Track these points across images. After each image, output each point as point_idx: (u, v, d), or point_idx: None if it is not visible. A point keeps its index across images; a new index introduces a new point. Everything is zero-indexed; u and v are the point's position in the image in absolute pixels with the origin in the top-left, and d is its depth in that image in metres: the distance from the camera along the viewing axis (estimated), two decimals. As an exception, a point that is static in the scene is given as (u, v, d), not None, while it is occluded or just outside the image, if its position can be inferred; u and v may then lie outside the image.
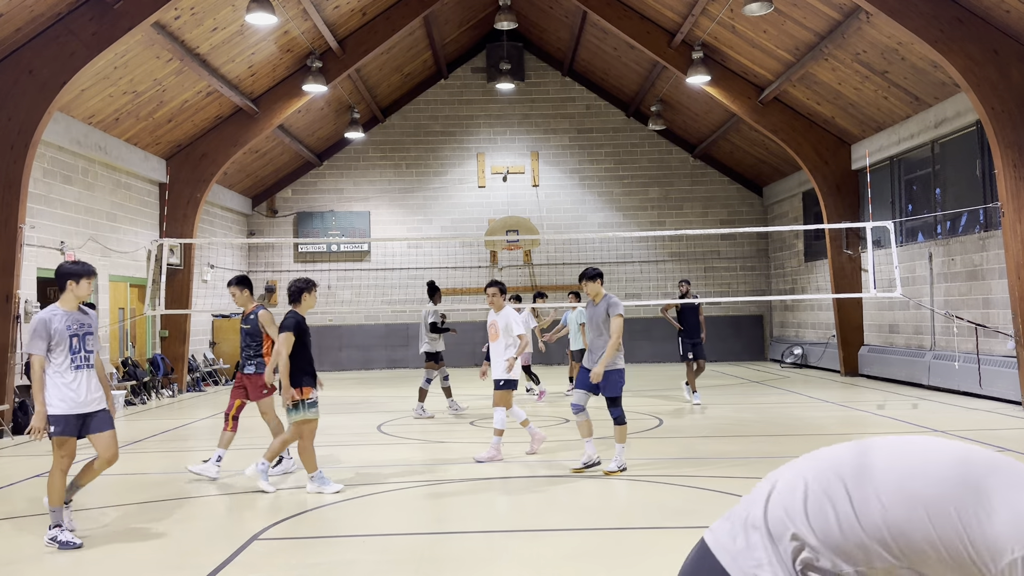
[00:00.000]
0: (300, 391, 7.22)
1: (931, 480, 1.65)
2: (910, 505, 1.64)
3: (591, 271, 7.98)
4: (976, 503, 1.60)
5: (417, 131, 23.33)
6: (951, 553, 1.60)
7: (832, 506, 1.72)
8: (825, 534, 1.70)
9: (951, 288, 14.31)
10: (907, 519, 1.63)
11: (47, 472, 8.53)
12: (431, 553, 5.43)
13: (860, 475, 1.73)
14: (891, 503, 1.66)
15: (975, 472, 1.65)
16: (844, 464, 1.78)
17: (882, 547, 1.65)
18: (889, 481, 1.69)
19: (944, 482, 1.64)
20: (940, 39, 11.67)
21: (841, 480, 1.75)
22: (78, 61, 11.64)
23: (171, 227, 17.05)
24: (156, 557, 5.48)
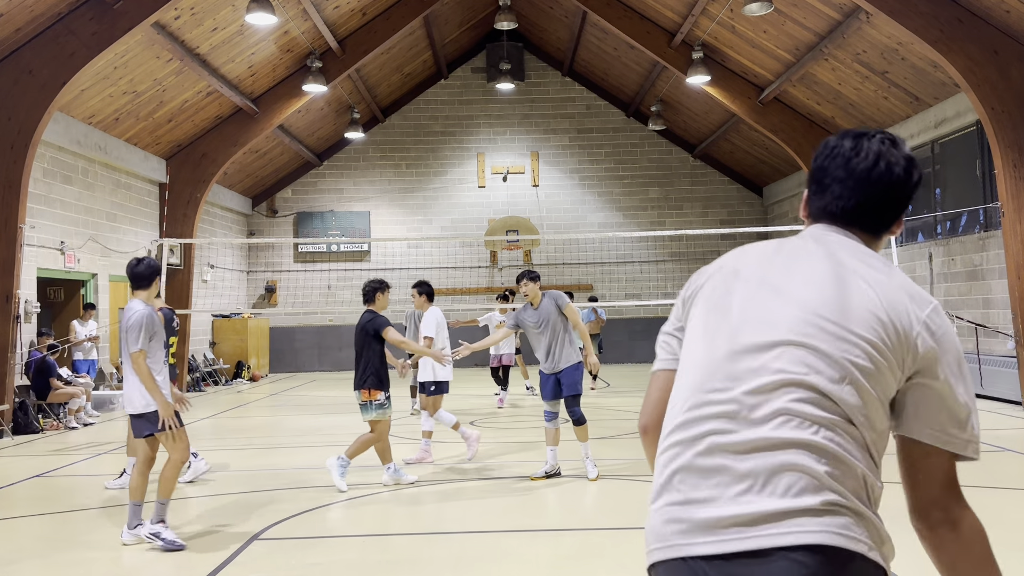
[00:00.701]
0: (369, 392, 7.24)
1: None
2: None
3: (534, 272, 7.69)
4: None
5: (417, 131, 23.33)
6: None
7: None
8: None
9: (951, 288, 14.31)
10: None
11: (47, 472, 8.55)
12: (430, 553, 5.43)
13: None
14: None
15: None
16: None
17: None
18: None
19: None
20: (940, 39, 11.66)
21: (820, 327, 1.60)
22: (78, 61, 11.64)
23: (171, 227, 17.05)
24: (156, 557, 5.47)
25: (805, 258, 1.72)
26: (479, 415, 12.42)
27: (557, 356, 7.43)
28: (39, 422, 11.78)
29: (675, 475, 1.60)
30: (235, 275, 21.92)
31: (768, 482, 1.52)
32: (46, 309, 14.32)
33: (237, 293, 21.97)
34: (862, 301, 1.62)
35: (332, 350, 22.79)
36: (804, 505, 1.51)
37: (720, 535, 1.51)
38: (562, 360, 7.41)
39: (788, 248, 1.78)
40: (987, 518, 6.13)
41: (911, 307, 1.63)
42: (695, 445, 1.59)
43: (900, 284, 1.66)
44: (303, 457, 9.23)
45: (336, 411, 13.67)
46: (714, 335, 1.71)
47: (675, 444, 1.63)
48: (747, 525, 1.50)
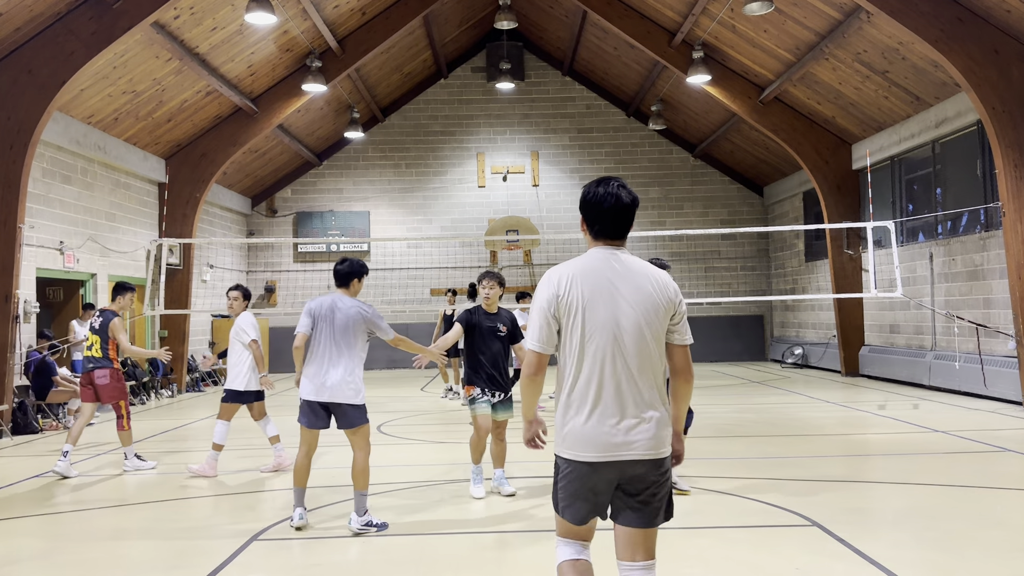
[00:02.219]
0: (469, 388, 7.09)
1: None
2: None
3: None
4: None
5: (417, 131, 23.31)
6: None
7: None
8: None
9: (952, 288, 14.29)
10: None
11: (47, 472, 8.53)
12: (431, 553, 5.42)
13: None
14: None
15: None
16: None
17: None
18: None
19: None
20: (941, 39, 11.65)
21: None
22: (77, 61, 11.63)
23: (170, 227, 17.04)
24: (156, 557, 5.46)
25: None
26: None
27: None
28: (38, 422, 11.77)
29: None
30: (235, 275, 21.91)
31: None
32: (45, 309, 14.30)
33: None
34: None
35: (332, 350, 22.72)
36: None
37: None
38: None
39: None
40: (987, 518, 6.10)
41: (669, 283, 3.33)
42: None
43: (659, 273, 3.33)
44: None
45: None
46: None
47: None
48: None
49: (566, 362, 3.25)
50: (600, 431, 3.15)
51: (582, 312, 3.19)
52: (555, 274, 3.27)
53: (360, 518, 5.95)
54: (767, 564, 5.02)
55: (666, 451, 3.21)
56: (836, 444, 9.53)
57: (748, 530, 5.81)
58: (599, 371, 3.18)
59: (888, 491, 6.97)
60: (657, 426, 3.17)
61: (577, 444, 3.18)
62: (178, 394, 16.75)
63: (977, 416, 11.30)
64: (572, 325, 3.20)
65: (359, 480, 6.02)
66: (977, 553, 5.16)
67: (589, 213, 3.28)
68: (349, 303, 6.23)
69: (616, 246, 3.27)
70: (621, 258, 3.25)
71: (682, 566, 5.03)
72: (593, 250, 3.28)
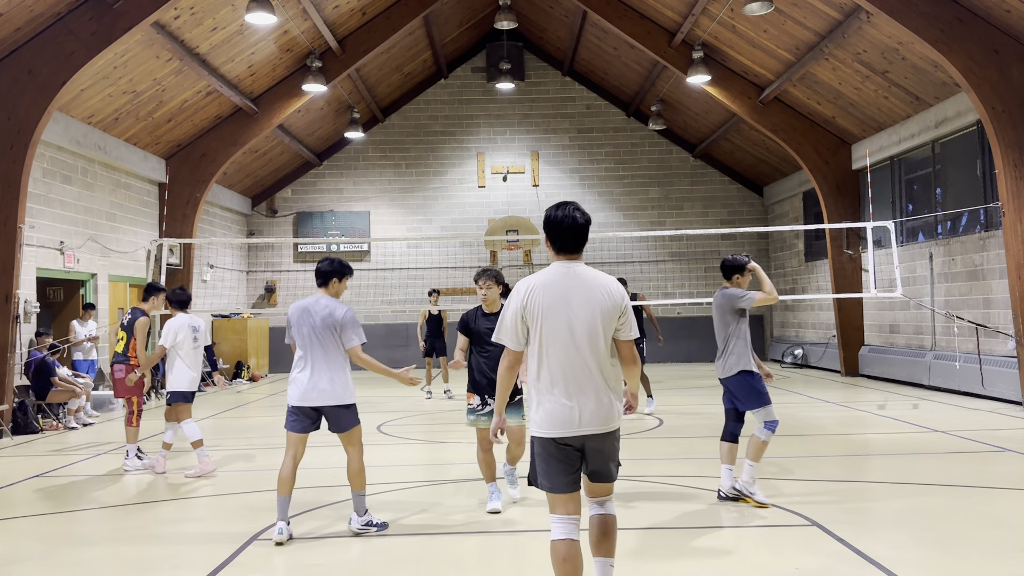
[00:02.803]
0: (470, 396, 6.66)
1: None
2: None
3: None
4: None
5: (417, 131, 23.32)
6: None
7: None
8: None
9: (952, 288, 14.30)
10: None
11: (47, 472, 8.54)
12: (431, 553, 5.42)
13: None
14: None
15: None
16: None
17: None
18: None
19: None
20: (940, 39, 11.66)
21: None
22: (78, 61, 11.63)
23: (171, 227, 17.04)
24: (156, 557, 5.47)
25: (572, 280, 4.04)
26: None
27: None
28: (39, 422, 11.77)
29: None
30: (235, 275, 21.91)
31: None
32: (45, 309, 14.30)
33: (237, 293, 21.96)
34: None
35: (332, 350, 22.73)
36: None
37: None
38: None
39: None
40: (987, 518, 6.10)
41: (618, 289, 4.06)
42: None
43: (610, 281, 4.08)
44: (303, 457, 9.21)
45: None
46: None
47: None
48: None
49: (532, 357, 3.99)
50: (562, 412, 3.90)
51: (542, 316, 3.93)
52: (522, 285, 4.02)
53: (360, 518, 5.93)
54: (767, 564, 5.03)
55: (615, 425, 3.98)
56: (836, 444, 9.53)
57: (748, 530, 5.81)
58: (559, 364, 3.91)
59: (888, 491, 6.98)
60: (606, 406, 3.92)
61: (545, 424, 3.92)
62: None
63: (977, 416, 11.30)
64: (536, 327, 3.95)
65: (356, 481, 5.99)
66: (977, 553, 5.17)
67: (551, 232, 4.02)
68: (324, 304, 6.02)
69: (573, 259, 4.05)
70: (577, 270, 4.01)
71: (682, 566, 5.04)
72: (555, 264, 4.05)
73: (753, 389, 6.49)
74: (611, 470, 4.04)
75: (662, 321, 21.98)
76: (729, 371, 6.54)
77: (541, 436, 3.95)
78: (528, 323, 3.97)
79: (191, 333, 8.53)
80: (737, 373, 6.50)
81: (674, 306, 22.61)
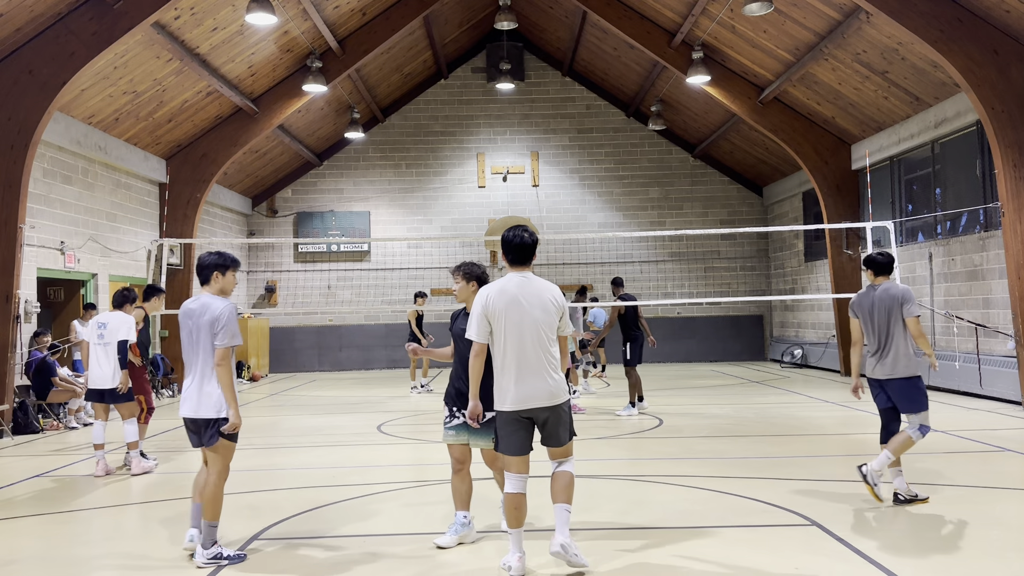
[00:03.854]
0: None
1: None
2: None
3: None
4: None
5: (417, 131, 23.33)
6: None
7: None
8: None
9: (951, 288, 14.31)
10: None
11: (47, 472, 8.54)
12: (431, 553, 5.43)
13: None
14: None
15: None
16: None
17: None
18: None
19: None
20: (940, 39, 11.66)
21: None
22: (78, 61, 11.63)
23: (171, 227, 17.05)
24: (156, 557, 5.47)
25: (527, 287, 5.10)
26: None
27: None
28: (39, 422, 11.78)
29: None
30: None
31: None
32: (46, 309, 14.31)
33: (237, 293, 21.97)
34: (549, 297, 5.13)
35: (332, 350, 22.79)
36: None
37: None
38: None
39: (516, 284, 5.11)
40: (987, 518, 6.11)
41: (558, 294, 5.15)
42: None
43: (552, 287, 5.13)
44: (303, 457, 9.24)
45: (336, 411, 13.67)
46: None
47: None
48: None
49: (496, 348, 5.04)
50: (518, 391, 4.96)
51: (502, 316, 5.00)
52: (484, 291, 5.12)
53: (206, 551, 5.21)
54: (767, 564, 5.04)
55: (560, 399, 5.02)
56: (836, 444, 9.54)
57: (748, 530, 5.82)
58: (514, 353, 4.98)
59: (888, 491, 6.98)
60: (552, 385, 4.99)
61: (505, 400, 5.00)
62: (179, 394, 16.75)
63: (976, 416, 11.31)
64: (496, 324, 5.03)
65: (209, 508, 5.24)
66: (977, 553, 5.17)
67: (506, 249, 5.15)
68: (204, 302, 5.44)
69: (524, 270, 5.14)
70: (529, 278, 5.11)
71: (682, 566, 5.05)
72: (510, 274, 5.14)
73: (920, 393, 6.49)
74: (561, 435, 5.06)
75: (662, 321, 22.01)
76: (897, 373, 6.47)
77: (503, 411, 5.02)
78: (490, 321, 5.02)
79: (96, 330, 8.60)
80: (908, 377, 6.47)
81: (674, 306, 22.61)
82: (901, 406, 6.52)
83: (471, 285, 5.69)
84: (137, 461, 8.32)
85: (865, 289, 6.79)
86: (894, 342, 6.48)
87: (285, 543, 5.75)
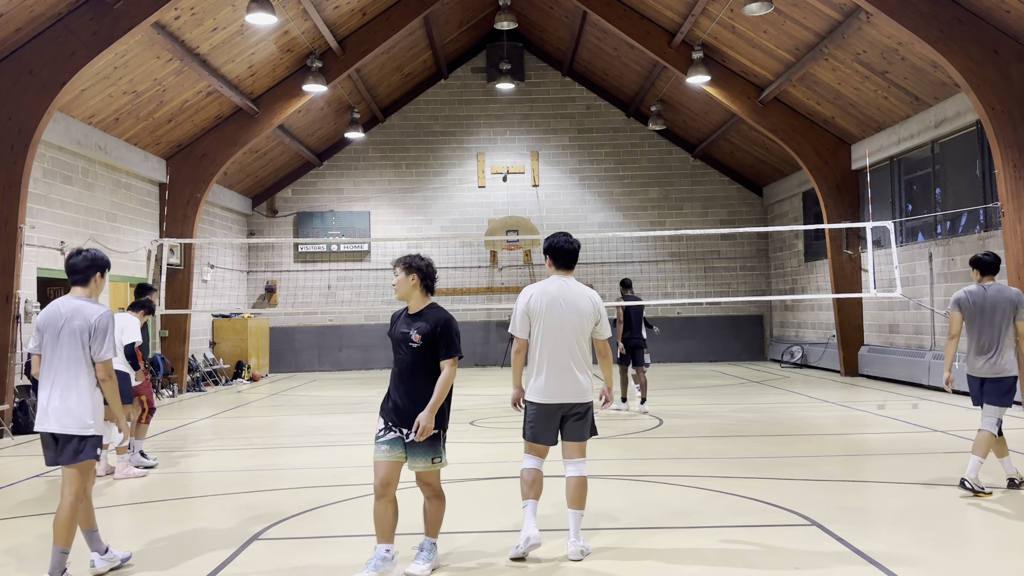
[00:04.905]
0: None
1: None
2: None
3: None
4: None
5: (417, 131, 23.33)
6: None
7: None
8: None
9: (951, 288, 14.30)
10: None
11: (47, 472, 8.53)
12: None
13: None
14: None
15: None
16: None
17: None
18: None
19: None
20: (940, 39, 11.67)
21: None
22: (78, 61, 11.64)
23: (171, 227, 17.05)
24: (156, 557, 5.47)
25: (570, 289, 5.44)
26: (479, 416, 12.42)
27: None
28: (39, 422, 11.77)
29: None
30: (235, 275, 21.92)
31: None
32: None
33: (237, 293, 21.97)
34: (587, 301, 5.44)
35: (332, 350, 22.80)
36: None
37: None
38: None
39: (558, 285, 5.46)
40: (987, 518, 6.10)
41: (597, 300, 5.44)
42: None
43: (591, 292, 5.47)
44: (303, 457, 9.24)
45: (336, 411, 13.67)
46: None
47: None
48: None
49: (533, 344, 5.40)
50: (549, 385, 5.31)
51: (541, 315, 5.34)
52: (528, 291, 5.45)
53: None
54: (767, 564, 5.04)
55: (588, 398, 5.35)
56: (836, 444, 9.54)
57: (748, 530, 5.82)
58: (548, 350, 5.31)
59: (887, 491, 6.99)
60: (581, 383, 5.32)
61: (536, 393, 5.33)
62: (179, 394, 16.77)
63: (976, 416, 11.28)
64: (535, 322, 5.37)
65: (62, 532, 4.78)
66: (977, 553, 5.17)
67: (552, 254, 5.45)
68: (75, 306, 4.91)
69: (567, 274, 5.45)
70: (569, 283, 5.40)
71: (682, 566, 5.05)
72: (553, 276, 5.45)
73: (1013, 392, 6.77)
74: (583, 431, 5.36)
75: (662, 321, 21.99)
76: (1003, 372, 6.71)
77: (535, 401, 5.33)
78: (531, 318, 5.37)
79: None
80: (1011, 376, 6.72)
81: (674, 306, 22.62)
82: (990, 399, 6.75)
83: (411, 278, 5.24)
84: (123, 465, 8.21)
85: (975, 287, 6.99)
86: (1002, 341, 6.74)
87: (285, 543, 5.75)
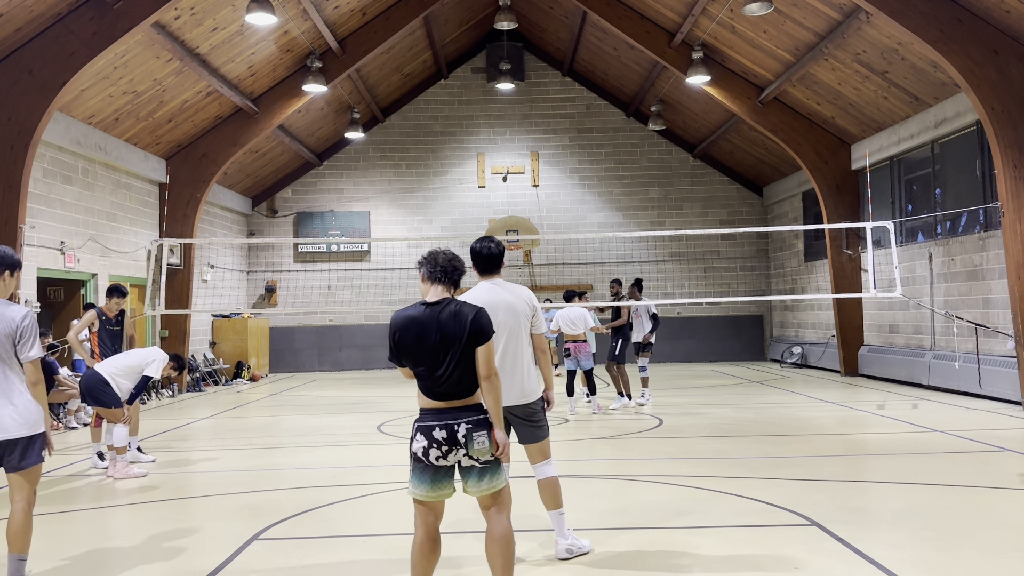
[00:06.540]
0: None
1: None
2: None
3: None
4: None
5: (417, 131, 23.33)
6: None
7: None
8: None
9: (951, 288, 14.31)
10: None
11: (47, 472, 8.54)
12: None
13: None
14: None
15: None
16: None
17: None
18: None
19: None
20: (940, 39, 11.67)
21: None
22: (78, 61, 11.64)
23: (171, 227, 17.05)
24: (156, 557, 5.48)
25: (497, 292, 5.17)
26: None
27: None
28: (39, 422, 11.76)
29: None
30: (235, 275, 21.93)
31: None
32: (46, 309, 14.31)
33: (237, 293, 21.97)
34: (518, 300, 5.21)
35: (332, 350, 22.80)
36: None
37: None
38: None
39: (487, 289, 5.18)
40: (987, 518, 6.10)
41: (528, 296, 5.27)
42: None
43: (525, 292, 5.27)
44: (303, 457, 9.24)
45: (336, 411, 13.67)
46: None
47: None
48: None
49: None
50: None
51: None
52: (470, 298, 5.19)
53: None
54: (767, 564, 5.04)
55: (532, 398, 5.16)
56: (836, 444, 9.54)
57: (748, 530, 5.82)
58: (501, 350, 5.08)
59: (888, 491, 6.99)
60: (523, 385, 5.13)
61: None
62: (179, 394, 16.77)
63: (976, 416, 11.31)
64: None
65: (18, 539, 4.56)
66: (976, 553, 5.18)
67: (474, 260, 5.18)
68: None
69: (494, 277, 5.22)
70: (498, 285, 5.21)
71: (682, 566, 5.05)
72: (481, 283, 5.22)
73: None
74: (535, 432, 5.21)
75: (662, 321, 21.99)
76: None
77: None
78: None
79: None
80: None
81: (674, 306, 22.61)
82: None
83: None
84: (122, 466, 8.23)
85: None
86: None
87: (285, 543, 5.76)
